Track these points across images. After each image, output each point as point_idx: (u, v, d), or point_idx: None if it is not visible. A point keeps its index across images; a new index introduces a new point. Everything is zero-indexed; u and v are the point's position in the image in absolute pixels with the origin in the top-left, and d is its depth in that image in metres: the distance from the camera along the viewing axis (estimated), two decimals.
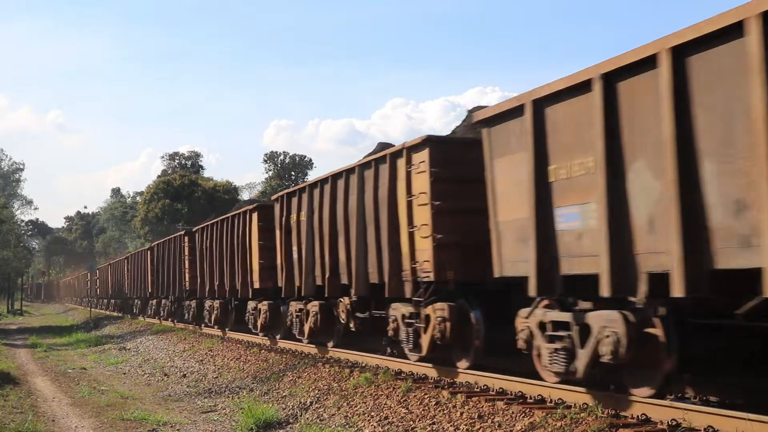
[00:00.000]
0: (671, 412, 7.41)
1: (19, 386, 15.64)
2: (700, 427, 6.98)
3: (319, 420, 10.54)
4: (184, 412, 12.43)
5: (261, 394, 13.18)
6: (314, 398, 11.69)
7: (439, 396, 9.89)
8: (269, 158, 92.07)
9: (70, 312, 63.53)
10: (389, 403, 10.25)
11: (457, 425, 8.65)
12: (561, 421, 7.79)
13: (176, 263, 29.58)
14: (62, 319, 53.00)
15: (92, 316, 44.54)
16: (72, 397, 14.30)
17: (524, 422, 8.12)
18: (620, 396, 8.17)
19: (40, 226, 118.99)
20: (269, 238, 18.59)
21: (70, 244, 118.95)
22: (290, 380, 13.55)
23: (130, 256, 43.23)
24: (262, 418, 10.56)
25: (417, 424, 9.12)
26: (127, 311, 43.65)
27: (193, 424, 11.22)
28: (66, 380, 17.14)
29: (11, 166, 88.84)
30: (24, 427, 10.65)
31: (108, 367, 20.27)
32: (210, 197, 64.39)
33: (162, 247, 32.40)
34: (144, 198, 69.89)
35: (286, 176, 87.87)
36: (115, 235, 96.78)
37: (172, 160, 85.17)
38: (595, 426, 7.43)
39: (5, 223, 55.34)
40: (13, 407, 12.71)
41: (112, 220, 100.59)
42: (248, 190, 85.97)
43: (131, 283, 41.06)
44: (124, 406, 12.82)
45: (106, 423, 11.36)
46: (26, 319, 55.76)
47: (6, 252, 56.85)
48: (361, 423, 9.77)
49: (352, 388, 11.47)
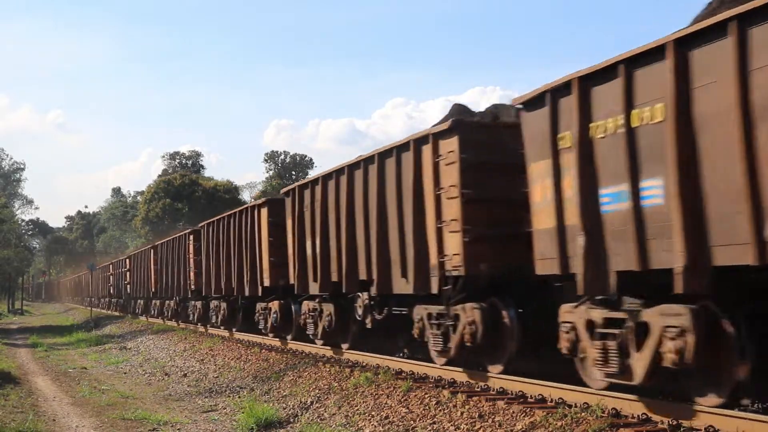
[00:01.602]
0: (672, 412, 7.37)
1: (19, 386, 15.65)
2: (700, 426, 6.97)
3: (319, 419, 10.54)
4: (184, 411, 12.43)
5: (262, 394, 13.18)
6: (315, 398, 11.69)
7: (439, 395, 9.89)
8: (270, 158, 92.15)
9: (70, 311, 63.51)
10: (390, 402, 10.25)
11: (457, 425, 8.65)
12: (561, 421, 7.79)
13: (181, 262, 28.66)
14: (63, 318, 53.01)
15: (93, 316, 44.54)
16: (73, 396, 14.31)
17: (525, 422, 8.12)
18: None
19: (40, 226, 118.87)
20: (280, 234, 17.56)
21: (70, 243, 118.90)
22: (291, 380, 13.55)
23: (132, 255, 42.51)
24: (263, 418, 10.57)
25: (417, 424, 9.12)
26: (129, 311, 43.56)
27: (194, 424, 11.22)
28: (67, 380, 17.15)
29: (12, 165, 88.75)
30: (25, 427, 10.66)
31: (108, 366, 20.27)
32: (211, 197, 64.43)
33: (165, 246, 31.65)
34: (144, 197, 69.94)
35: (286, 176, 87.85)
36: (116, 234, 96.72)
37: (173, 160, 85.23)
38: (596, 425, 7.42)
39: (6, 223, 55.39)
40: (14, 407, 12.72)
41: (112, 219, 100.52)
42: (249, 189, 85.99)
43: (135, 283, 40.24)
44: (124, 406, 12.83)
45: (106, 422, 11.36)
46: (27, 319, 55.79)
47: (7, 251, 56.89)
48: (362, 422, 9.77)
49: (352, 388, 11.47)
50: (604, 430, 7.33)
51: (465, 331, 10.42)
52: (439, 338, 11.20)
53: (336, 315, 14.88)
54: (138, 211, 73.28)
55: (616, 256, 7.77)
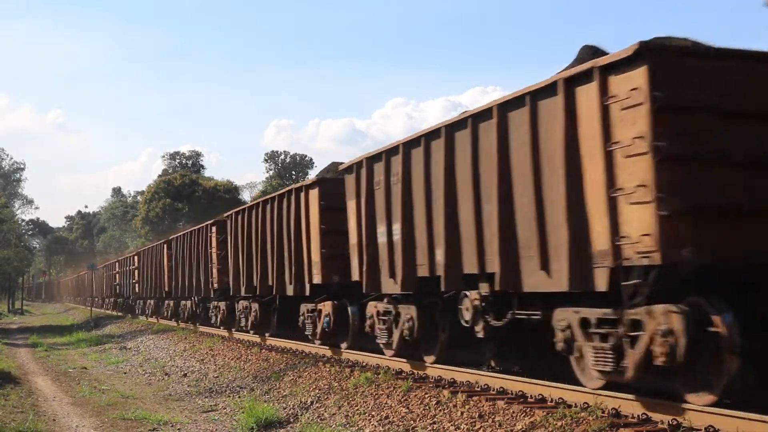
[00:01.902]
0: (672, 412, 7.34)
1: (20, 386, 15.66)
2: (700, 426, 6.95)
3: (319, 419, 10.54)
4: (184, 411, 12.43)
5: (262, 394, 13.18)
6: (315, 398, 11.69)
7: (439, 395, 9.88)
8: (270, 158, 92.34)
9: (70, 311, 63.52)
10: (390, 402, 10.25)
11: (457, 425, 8.64)
12: (561, 421, 7.79)
13: (201, 258, 25.35)
14: (63, 318, 53.02)
15: (93, 316, 44.54)
16: (73, 396, 14.31)
17: (525, 421, 8.11)
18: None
19: (40, 226, 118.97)
20: (335, 221, 14.47)
21: (70, 243, 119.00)
22: (291, 380, 13.55)
23: (142, 251, 38.74)
24: (263, 418, 10.57)
25: (417, 424, 9.12)
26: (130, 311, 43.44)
27: (194, 424, 11.22)
28: (67, 380, 17.15)
29: (12, 165, 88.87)
30: (25, 427, 10.66)
31: (109, 366, 20.27)
32: (211, 197, 64.53)
33: (182, 240, 28.28)
34: (145, 197, 70.07)
35: (286, 176, 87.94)
36: (116, 234, 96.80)
37: (173, 160, 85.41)
38: (596, 425, 7.42)
39: (6, 223, 55.41)
40: (14, 407, 12.72)
41: (112, 219, 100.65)
42: (249, 189, 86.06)
43: (144, 282, 36.81)
44: (124, 406, 12.83)
45: (106, 422, 11.36)
46: (27, 319, 55.81)
47: (7, 251, 56.91)
48: (362, 422, 9.77)
49: (352, 388, 11.47)
50: (604, 430, 7.33)
51: (656, 344, 7.33)
52: (606, 354, 8.00)
53: (419, 320, 11.88)
54: (138, 211, 73.39)
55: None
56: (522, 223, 8.90)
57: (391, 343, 12.74)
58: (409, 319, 12.00)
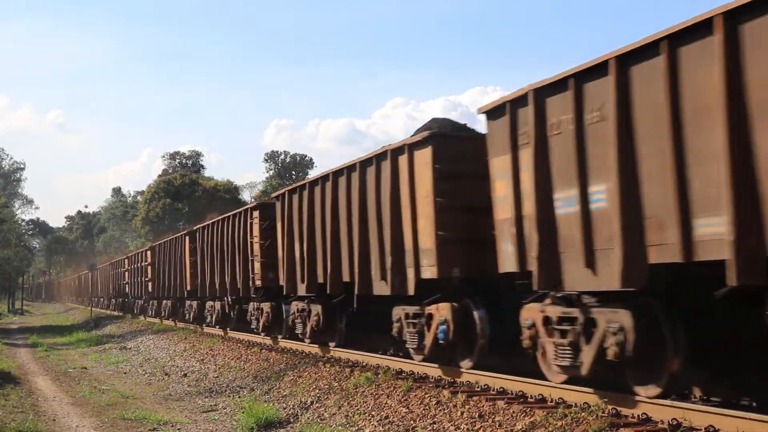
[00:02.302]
0: (673, 412, 7.37)
1: (19, 386, 15.65)
2: (700, 426, 6.96)
3: (319, 419, 10.54)
4: (184, 411, 12.43)
5: (262, 394, 13.18)
6: (315, 398, 11.69)
7: (439, 395, 9.88)
8: (270, 158, 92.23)
9: (70, 311, 63.53)
10: (390, 402, 10.25)
11: (457, 425, 8.64)
12: (561, 421, 7.79)
13: (238, 251, 21.18)
14: (63, 318, 53.03)
15: (93, 316, 44.55)
16: (73, 396, 14.31)
17: (525, 421, 8.12)
18: (623, 396, 8.08)
19: (40, 226, 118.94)
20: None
21: (70, 243, 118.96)
22: (291, 380, 13.55)
23: (155, 246, 34.74)
24: (263, 418, 10.56)
25: (418, 424, 9.12)
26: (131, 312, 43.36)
27: (194, 424, 11.22)
28: (67, 380, 17.15)
29: (12, 165, 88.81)
30: (25, 427, 10.65)
31: (109, 366, 20.27)
32: (211, 197, 64.47)
33: (209, 231, 24.20)
34: (145, 197, 70.03)
35: (286, 176, 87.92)
36: (116, 234, 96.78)
37: (173, 160, 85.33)
38: (596, 425, 7.42)
39: (6, 223, 55.40)
40: (14, 406, 12.72)
41: (112, 219, 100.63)
42: (249, 189, 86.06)
43: (158, 281, 33.03)
44: (124, 406, 12.83)
45: (106, 422, 11.36)
46: (27, 319, 55.80)
47: (7, 251, 56.91)
48: (362, 422, 9.77)
49: (352, 388, 11.47)
50: (604, 430, 7.33)
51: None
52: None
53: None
54: (138, 211, 73.35)
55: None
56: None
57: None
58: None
